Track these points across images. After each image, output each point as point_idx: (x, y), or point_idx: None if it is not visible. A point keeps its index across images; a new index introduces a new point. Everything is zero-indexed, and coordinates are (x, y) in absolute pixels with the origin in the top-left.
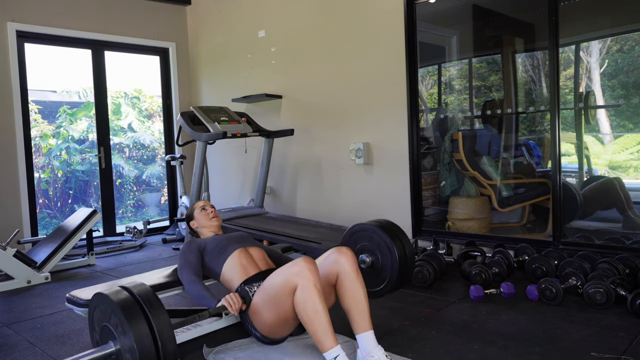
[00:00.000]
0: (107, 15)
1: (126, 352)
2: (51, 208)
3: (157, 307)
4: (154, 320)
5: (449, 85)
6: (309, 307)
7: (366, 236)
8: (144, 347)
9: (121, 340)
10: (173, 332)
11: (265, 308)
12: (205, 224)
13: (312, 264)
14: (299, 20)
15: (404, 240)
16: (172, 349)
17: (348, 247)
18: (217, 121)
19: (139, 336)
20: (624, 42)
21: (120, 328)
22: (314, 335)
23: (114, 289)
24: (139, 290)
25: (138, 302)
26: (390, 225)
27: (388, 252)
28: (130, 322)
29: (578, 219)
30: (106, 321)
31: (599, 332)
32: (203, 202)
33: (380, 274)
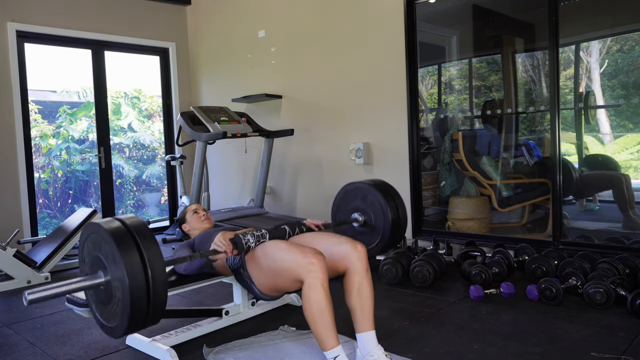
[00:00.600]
0: (107, 15)
1: (116, 281)
2: (51, 208)
3: (149, 238)
4: (145, 250)
5: (449, 85)
6: (314, 306)
7: (359, 195)
8: (134, 275)
9: (111, 270)
10: (163, 262)
11: (265, 271)
12: (197, 226)
13: (323, 261)
14: (299, 20)
15: (397, 201)
16: (162, 279)
17: (363, 244)
18: (217, 121)
19: (129, 265)
20: (624, 42)
21: (110, 256)
22: (316, 333)
23: (106, 219)
24: (131, 222)
25: (130, 232)
26: (384, 185)
27: (381, 212)
28: (121, 250)
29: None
30: (97, 251)
31: (599, 332)
32: (195, 206)
33: (373, 233)
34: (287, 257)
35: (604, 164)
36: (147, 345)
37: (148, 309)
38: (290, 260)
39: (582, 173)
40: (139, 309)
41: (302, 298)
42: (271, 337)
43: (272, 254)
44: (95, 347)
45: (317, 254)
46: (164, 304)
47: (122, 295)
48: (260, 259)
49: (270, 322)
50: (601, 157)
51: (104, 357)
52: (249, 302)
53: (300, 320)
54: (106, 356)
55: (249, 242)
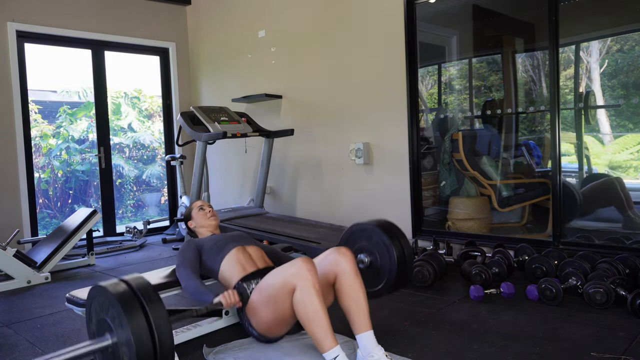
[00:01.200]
0: (107, 15)
1: (123, 344)
2: (51, 208)
3: (155, 301)
4: (152, 313)
5: (449, 85)
6: (308, 308)
7: (365, 236)
8: (141, 339)
9: (118, 333)
10: (170, 325)
11: (263, 307)
12: (203, 223)
13: (310, 264)
14: (299, 20)
15: (402, 241)
16: (169, 342)
17: (347, 247)
18: (217, 121)
19: (136, 329)
20: (624, 42)
21: (117, 320)
22: (313, 335)
23: (112, 281)
24: (137, 284)
25: (136, 295)
26: (389, 225)
27: (387, 252)
28: (128, 314)
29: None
30: (103, 313)
31: (599, 332)
32: (201, 202)
33: (379, 274)
34: (276, 276)
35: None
36: None
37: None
38: (280, 276)
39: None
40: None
41: (295, 304)
42: None
43: (264, 284)
44: None
45: (305, 259)
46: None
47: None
48: (256, 299)
49: None
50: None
51: None
52: None
53: None
54: None
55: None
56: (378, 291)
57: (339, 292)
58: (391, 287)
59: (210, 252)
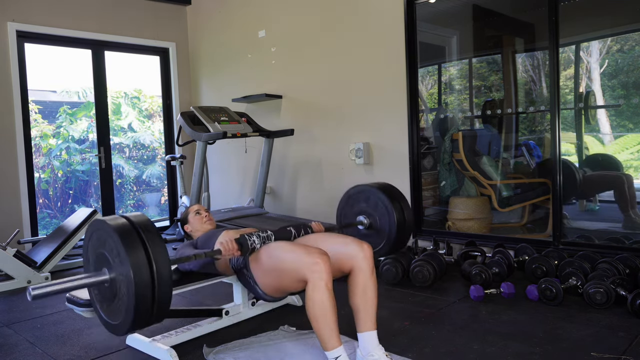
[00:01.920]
0: (107, 15)
1: (121, 278)
2: (51, 208)
3: (155, 236)
4: (151, 247)
5: (449, 85)
6: (318, 306)
7: (364, 198)
8: (140, 272)
9: (116, 267)
10: (169, 260)
11: (270, 272)
12: (199, 227)
13: (327, 262)
14: (299, 20)
15: (402, 203)
16: (167, 276)
17: (369, 245)
18: (217, 121)
19: (135, 261)
20: (624, 42)
21: (116, 255)
22: (318, 332)
23: (112, 216)
24: (137, 219)
25: (135, 229)
26: (388, 187)
27: (386, 213)
28: (127, 247)
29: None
30: (102, 248)
31: (599, 332)
32: (197, 206)
33: (378, 235)
34: (291, 257)
35: (605, 164)
36: (147, 345)
37: (153, 306)
38: (294, 261)
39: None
40: (144, 306)
41: (306, 297)
42: (271, 337)
43: (277, 254)
44: (95, 347)
45: (322, 254)
46: (168, 301)
47: (127, 292)
48: (264, 260)
49: (270, 322)
50: (602, 156)
51: (104, 357)
52: (249, 302)
53: (301, 320)
54: (106, 356)
55: (254, 244)
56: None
57: (351, 287)
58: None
59: (203, 243)
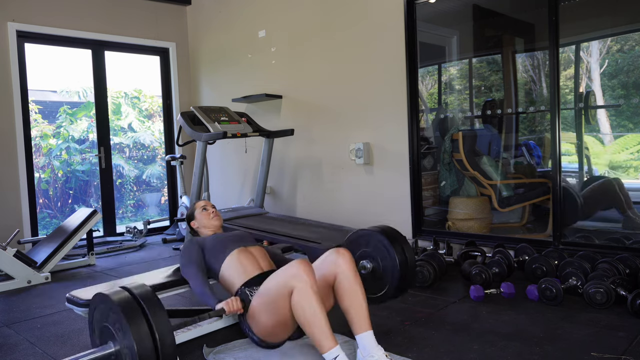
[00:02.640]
0: (107, 15)
1: (125, 352)
2: (51, 208)
3: (157, 308)
4: (154, 321)
5: (449, 85)
6: (307, 309)
7: (367, 242)
8: (144, 347)
9: (121, 341)
10: (173, 333)
11: (263, 312)
12: (206, 223)
13: (307, 266)
14: (299, 20)
15: (404, 246)
16: (172, 350)
17: (346, 248)
18: (217, 121)
19: (138, 336)
20: (624, 42)
21: (119, 328)
22: (312, 337)
23: (114, 289)
24: (139, 291)
25: (138, 303)
26: (390, 231)
27: (389, 258)
28: (130, 322)
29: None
30: (106, 321)
31: (599, 332)
32: (204, 202)
33: (382, 280)
34: (274, 280)
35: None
36: None
37: None
38: (277, 280)
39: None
40: None
41: (293, 305)
42: None
43: (263, 289)
44: None
45: (302, 261)
46: None
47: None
48: (256, 304)
49: None
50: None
51: None
52: None
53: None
54: None
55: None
56: (381, 297)
57: (338, 292)
58: (394, 292)
59: (212, 252)
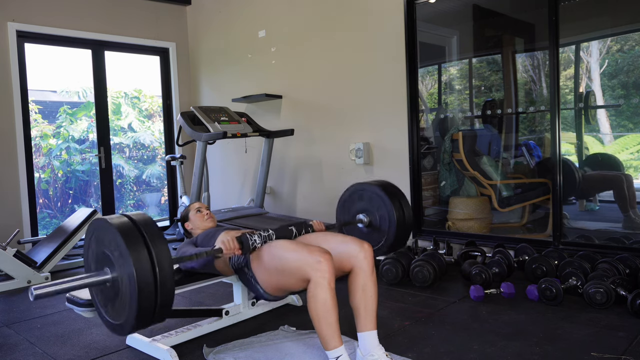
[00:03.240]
0: (107, 15)
1: (123, 277)
2: (51, 208)
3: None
4: (154, 248)
5: (449, 85)
6: (320, 305)
7: (365, 196)
8: (143, 274)
9: (119, 267)
10: (172, 261)
11: (272, 271)
12: (200, 225)
13: (330, 261)
14: (299, 20)
15: (402, 201)
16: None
17: (369, 244)
18: (217, 121)
19: (138, 263)
20: (624, 42)
21: (119, 254)
22: (319, 332)
23: (114, 215)
24: (139, 218)
25: (139, 230)
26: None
27: (386, 212)
28: (130, 246)
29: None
30: (103, 247)
31: (599, 332)
32: (198, 204)
33: (378, 234)
34: (294, 256)
35: (605, 164)
36: (148, 345)
37: (156, 305)
38: (297, 259)
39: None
40: (147, 305)
41: (308, 296)
42: (271, 337)
43: (279, 253)
44: (95, 347)
45: (325, 252)
46: (171, 300)
47: (129, 291)
48: (266, 259)
49: (270, 322)
50: (602, 156)
51: (104, 357)
52: (249, 302)
53: (300, 320)
54: (106, 356)
55: (255, 242)
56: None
57: (352, 286)
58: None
59: (203, 242)
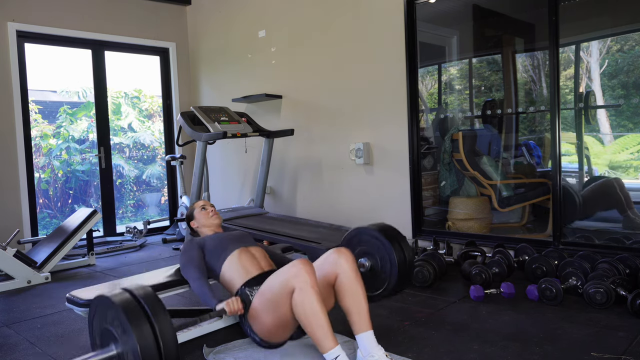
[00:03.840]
0: (107, 15)
1: (128, 355)
2: (51, 208)
3: (160, 310)
4: (157, 323)
5: (449, 85)
6: (307, 309)
7: (365, 240)
8: (147, 349)
9: (123, 343)
10: (175, 334)
11: (264, 312)
12: (206, 222)
13: (308, 265)
14: (299, 20)
15: (403, 244)
16: (175, 352)
17: (347, 248)
18: (217, 121)
19: (141, 338)
20: (624, 42)
21: (122, 330)
22: (313, 336)
23: (115, 291)
24: (140, 293)
25: (140, 305)
26: (389, 229)
27: (387, 256)
28: (133, 324)
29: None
30: (107, 324)
31: (599, 332)
32: (203, 202)
33: (380, 278)
34: (276, 279)
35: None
36: None
37: None
38: (279, 280)
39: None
40: None
41: (294, 305)
42: None
43: (265, 288)
44: None
45: (304, 261)
46: None
47: None
48: (257, 303)
49: None
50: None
51: None
52: None
53: None
54: None
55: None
56: (379, 294)
57: (338, 291)
58: (392, 290)
59: (212, 253)
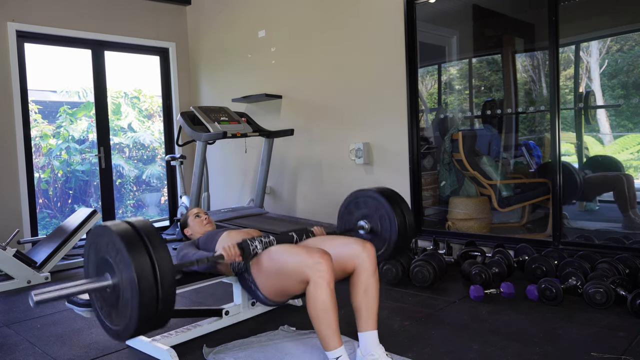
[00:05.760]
0: (107, 15)
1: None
2: (51, 208)
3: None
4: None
5: (449, 85)
6: (319, 304)
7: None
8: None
9: (119, 271)
10: (172, 265)
11: (272, 275)
12: (199, 230)
13: (329, 261)
14: (299, 20)
15: (403, 207)
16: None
17: (372, 244)
18: (217, 121)
19: (139, 266)
20: (624, 42)
21: (119, 258)
22: (319, 332)
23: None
24: (140, 224)
25: (139, 234)
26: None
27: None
28: (131, 252)
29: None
30: (104, 253)
31: (599, 332)
32: (197, 210)
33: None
34: (293, 258)
35: (605, 165)
36: (147, 345)
37: (157, 311)
38: (296, 261)
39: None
40: (148, 310)
41: (307, 296)
42: (271, 337)
43: (278, 257)
44: (95, 347)
45: (324, 254)
46: (172, 306)
47: (130, 297)
48: (266, 264)
49: (270, 322)
50: (602, 157)
51: (104, 357)
52: (249, 302)
53: (300, 320)
54: (106, 356)
55: (257, 249)
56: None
57: (353, 285)
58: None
59: (205, 241)
